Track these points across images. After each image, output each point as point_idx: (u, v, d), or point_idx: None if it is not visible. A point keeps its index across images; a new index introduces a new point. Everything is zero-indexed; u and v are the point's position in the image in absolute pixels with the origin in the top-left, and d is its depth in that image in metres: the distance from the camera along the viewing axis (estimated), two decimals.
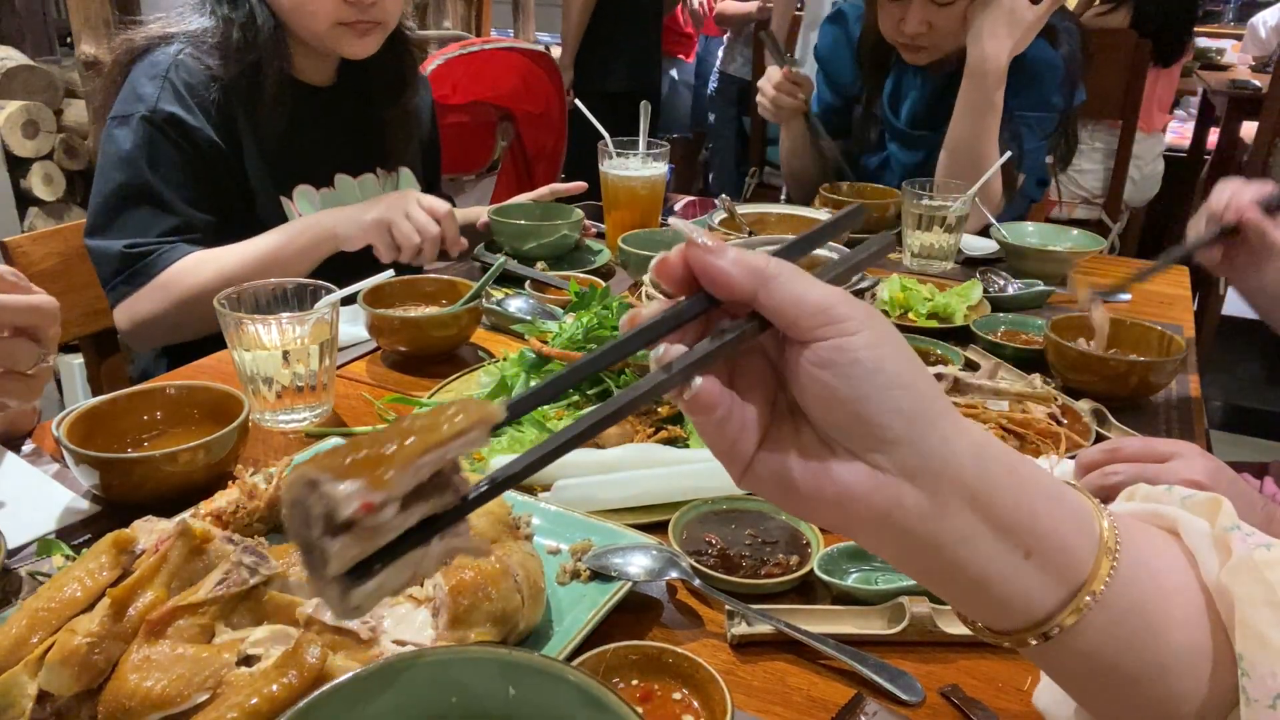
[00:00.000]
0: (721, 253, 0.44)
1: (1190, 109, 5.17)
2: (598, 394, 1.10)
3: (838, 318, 0.43)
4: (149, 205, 1.38)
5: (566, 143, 3.46)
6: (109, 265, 1.38)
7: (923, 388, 0.44)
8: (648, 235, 1.65)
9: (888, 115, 2.04)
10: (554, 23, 5.52)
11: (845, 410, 0.43)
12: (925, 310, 1.42)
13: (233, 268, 1.35)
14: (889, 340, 0.43)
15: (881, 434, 0.43)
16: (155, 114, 1.37)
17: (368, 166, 1.64)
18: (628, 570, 0.78)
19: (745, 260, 0.44)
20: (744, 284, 0.43)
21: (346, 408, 1.14)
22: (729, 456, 0.46)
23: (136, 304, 1.39)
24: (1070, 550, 0.45)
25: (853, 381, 0.42)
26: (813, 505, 0.46)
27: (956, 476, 0.43)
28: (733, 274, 0.44)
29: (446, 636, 0.66)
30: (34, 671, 0.59)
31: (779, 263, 0.44)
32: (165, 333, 1.44)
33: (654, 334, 0.45)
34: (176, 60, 1.41)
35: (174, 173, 1.39)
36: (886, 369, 0.43)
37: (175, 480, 0.88)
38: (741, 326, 0.45)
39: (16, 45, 3.18)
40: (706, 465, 0.95)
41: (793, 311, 0.43)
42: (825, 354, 0.43)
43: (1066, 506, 0.46)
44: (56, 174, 2.95)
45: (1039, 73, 1.84)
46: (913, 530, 0.44)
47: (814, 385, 0.43)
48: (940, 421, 0.44)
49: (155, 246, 1.37)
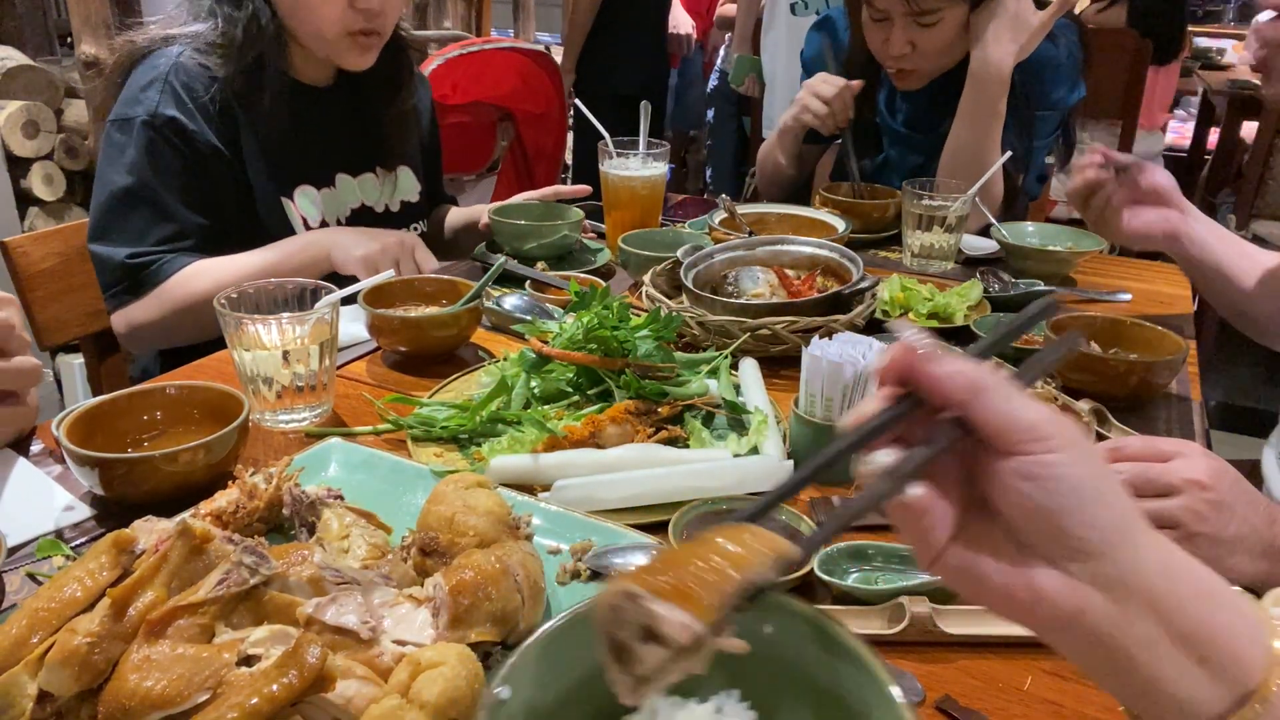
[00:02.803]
0: (938, 361, 0.47)
1: (1190, 109, 5.17)
2: (598, 394, 1.10)
3: (1043, 435, 0.45)
4: (149, 210, 1.38)
5: (570, 144, 3.47)
6: (111, 274, 1.39)
7: (1120, 504, 0.46)
8: (648, 235, 1.65)
9: (885, 119, 2.04)
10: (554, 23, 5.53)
11: (1045, 521, 0.46)
12: (925, 310, 1.42)
13: (230, 280, 1.35)
14: (1090, 459, 0.46)
15: (1079, 545, 0.45)
16: (155, 118, 1.38)
17: (367, 166, 1.64)
18: (628, 570, 0.78)
19: (961, 372, 0.47)
20: (957, 395, 0.46)
21: (346, 408, 1.14)
22: (921, 545, 0.49)
23: (134, 311, 1.41)
24: (1243, 662, 0.46)
25: (1054, 496, 0.45)
26: (1001, 602, 0.48)
27: (1145, 588, 0.46)
28: (947, 385, 0.47)
29: (447, 637, 0.66)
30: (34, 671, 0.59)
31: (991, 375, 0.46)
32: (161, 338, 1.46)
33: (873, 434, 0.49)
34: (176, 63, 1.41)
35: (174, 177, 1.39)
36: (1086, 486, 0.45)
37: (175, 480, 0.88)
38: (952, 435, 0.48)
39: (16, 45, 3.18)
40: (706, 465, 0.95)
41: (1002, 426, 0.46)
42: (1028, 468, 0.45)
43: (1244, 619, 0.48)
44: (56, 174, 2.95)
45: (1040, 70, 1.83)
46: (1096, 633, 0.47)
47: (1014, 494, 0.46)
48: (1135, 536, 0.47)
49: (157, 256, 1.38)
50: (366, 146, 1.63)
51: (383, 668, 0.63)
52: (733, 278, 1.44)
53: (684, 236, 1.68)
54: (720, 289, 1.43)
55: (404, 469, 0.95)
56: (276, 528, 0.84)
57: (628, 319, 1.15)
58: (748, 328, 1.24)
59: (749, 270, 1.44)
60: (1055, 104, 1.89)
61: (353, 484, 0.91)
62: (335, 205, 1.58)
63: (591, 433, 1.00)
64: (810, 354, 0.96)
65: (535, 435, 1.00)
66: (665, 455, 0.97)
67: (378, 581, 0.70)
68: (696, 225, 1.84)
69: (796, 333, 1.24)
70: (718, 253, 1.46)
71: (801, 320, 1.24)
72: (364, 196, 1.63)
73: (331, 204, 1.57)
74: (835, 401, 0.96)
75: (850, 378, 0.94)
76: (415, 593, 0.70)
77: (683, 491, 0.91)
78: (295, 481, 0.85)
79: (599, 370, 1.10)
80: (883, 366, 0.49)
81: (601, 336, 1.11)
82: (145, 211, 1.38)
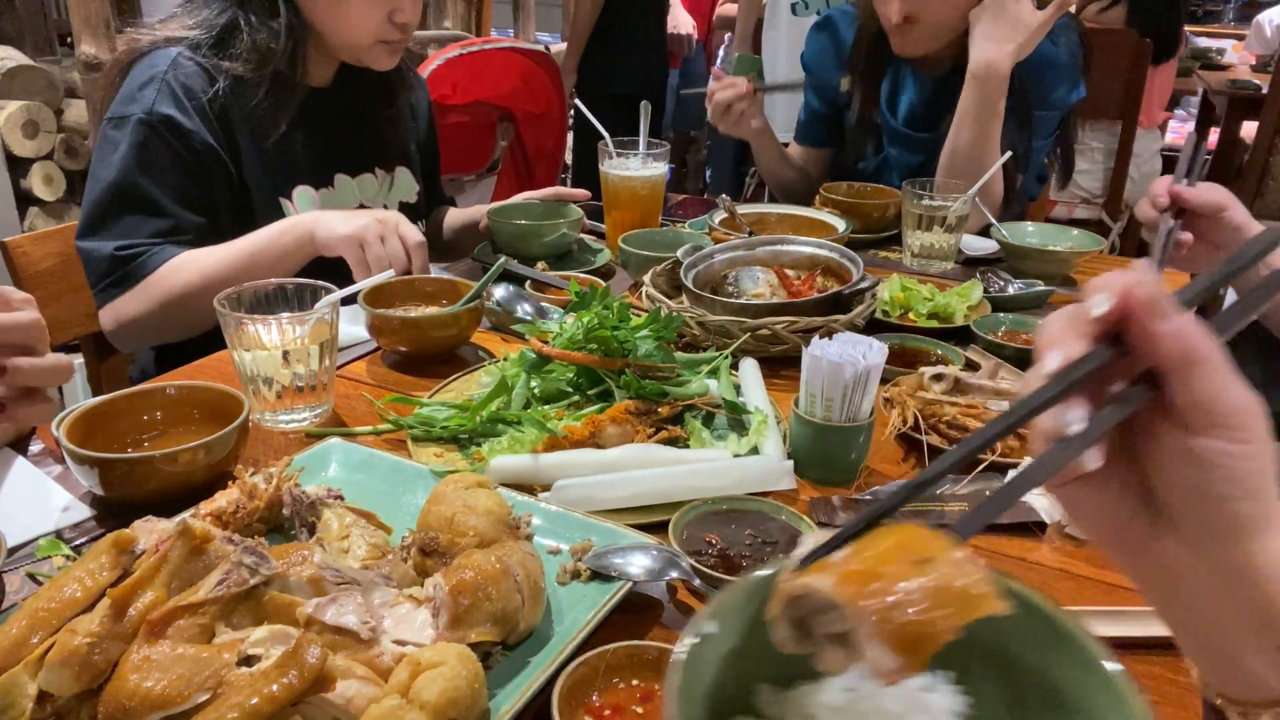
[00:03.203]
0: (1163, 316, 0.44)
1: (1190, 109, 5.16)
2: (598, 394, 1.10)
3: (1241, 425, 0.44)
4: (141, 207, 1.37)
5: (570, 143, 3.46)
6: (99, 267, 1.38)
7: (1270, 502, 0.46)
8: (648, 235, 1.65)
9: (886, 117, 2.03)
10: (554, 23, 5.52)
11: (1199, 505, 0.46)
12: (925, 310, 1.42)
13: (214, 268, 1.34)
14: (1267, 455, 0.45)
15: (1220, 533, 0.46)
16: (151, 115, 1.37)
17: (366, 166, 1.64)
18: (628, 570, 0.78)
19: (1182, 334, 0.43)
20: (1172, 358, 0.44)
21: (346, 408, 1.14)
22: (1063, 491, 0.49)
23: (121, 305, 1.38)
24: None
25: (1222, 484, 0.45)
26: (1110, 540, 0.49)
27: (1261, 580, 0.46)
28: (1165, 346, 0.44)
29: (446, 637, 0.66)
30: (34, 671, 0.59)
31: (1210, 346, 0.44)
32: (150, 333, 1.44)
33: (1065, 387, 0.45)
34: (175, 61, 1.40)
35: (167, 175, 1.38)
36: (1253, 480, 0.45)
37: (175, 480, 0.88)
38: (1142, 396, 0.45)
39: (16, 45, 3.19)
40: (706, 465, 0.95)
41: (1206, 406, 0.44)
42: (1210, 453, 0.44)
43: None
44: (56, 174, 2.95)
45: (1040, 70, 1.83)
46: (1201, 607, 0.48)
47: (1181, 472, 0.45)
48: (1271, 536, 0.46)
49: (145, 249, 1.36)
50: (365, 147, 1.63)
51: (383, 668, 0.63)
52: (733, 278, 1.44)
53: (684, 236, 1.68)
54: (720, 289, 1.43)
55: (404, 469, 0.95)
56: (276, 528, 0.84)
57: (628, 319, 1.15)
58: (748, 328, 1.24)
59: (749, 270, 1.44)
60: (1055, 103, 1.89)
61: (353, 484, 0.91)
62: (334, 206, 1.58)
63: (591, 433, 1.00)
64: (810, 354, 0.96)
65: (535, 435, 1.00)
66: (665, 455, 0.97)
67: (378, 581, 0.70)
68: (696, 225, 1.85)
69: (796, 333, 1.24)
70: (718, 253, 1.46)
71: (801, 320, 1.24)
72: (363, 197, 1.63)
73: (330, 204, 1.57)
74: (835, 401, 0.95)
75: (850, 378, 0.94)
76: (415, 593, 0.70)
77: (683, 491, 0.91)
78: (295, 481, 0.85)
79: (599, 370, 1.10)
80: (1109, 307, 0.45)
81: (601, 336, 1.11)
82: (136, 208, 1.37)
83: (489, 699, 0.63)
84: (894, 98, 2.03)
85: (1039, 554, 0.88)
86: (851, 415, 0.96)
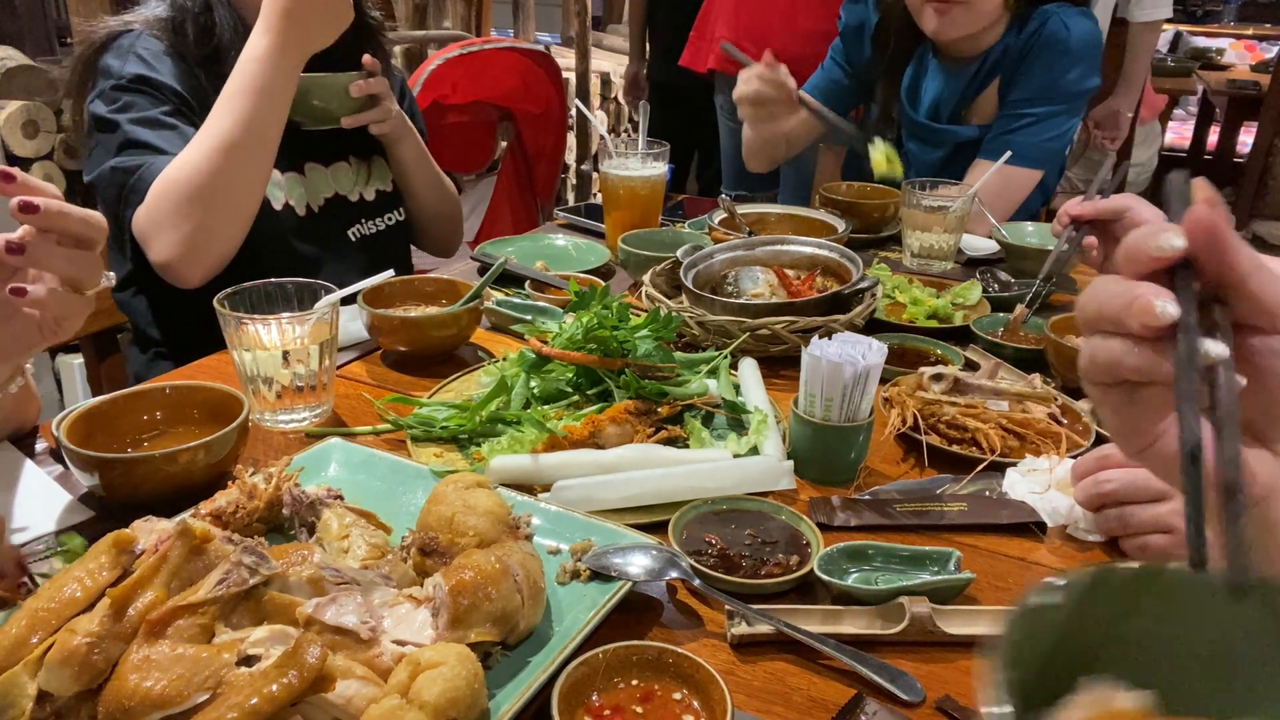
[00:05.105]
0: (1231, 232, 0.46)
1: (1190, 109, 5.16)
2: (598, 394, 1.10)
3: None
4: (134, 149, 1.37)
5: (571, 143, 3.46)
6: (110, 191, 1.36)
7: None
8: (647, 235, 1.65)
9: (906, 110, 2.00)
10: (554, 23, 5.52)
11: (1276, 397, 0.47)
12: (925, 310, 1.42)
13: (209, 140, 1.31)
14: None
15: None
16: (123, 78, 1.39)
17: (339, 155, 1.62)
18: (628, 570, 0.78)
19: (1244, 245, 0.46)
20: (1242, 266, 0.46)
21: (346, 408, 1.14)
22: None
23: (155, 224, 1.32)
24: None
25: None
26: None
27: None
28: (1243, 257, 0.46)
29: (446, 637, 0.66)
30: (34, 671, 0.59)
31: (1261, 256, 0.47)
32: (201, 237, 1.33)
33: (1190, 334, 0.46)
34: (141, 36, 1.43)
35: (150, 114, 1.38)
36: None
37: (175, 480, 0.88)
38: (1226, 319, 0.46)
39: (16, 45, 3.18)
40: (706, 465, 0.95)
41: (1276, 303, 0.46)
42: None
43: None
44: (56, 174, 2.94)
45: (1080, 50, 1.77)
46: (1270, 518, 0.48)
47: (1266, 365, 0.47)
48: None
49: (140, 161, 1.35)
50: (338, 135, 1.59)
51: (383, 668, 0.63)
52: (732, 278, 1.44)
53: (684, 236, 1.68)
54: (720, 289, 1.43)
55: (404, 469, 0.95)
56: (276, 528, 0.84)
57: (627, 319, 1.15)
58: (747, 328, 1.24)
59: (749, 270, 1.44)
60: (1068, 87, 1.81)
61: (353, 484, 0.91)
62: (307, 194, 1.55)
63: (591, 433, 1.00)
64: (810, 354, 0.96)
65: (535, 435, 1.00)
66: (665, 455, 0.97)
67: (378, 581, 0.70)
68: (696, 225, 1.85)
69: (796, 333, 1.24)
70: (718, 253, 1.46)
71: (801, 320, 1.25)
72: (337, 186, 1.60)
73: (302, 191, 1.54)
74: (835, 401, 0.96)
75: (849, 377, 0.94)
76: (415, 593, 0.70)
77: (683, 492, 0.91)
78: (295, 481, 0.85)
79: (599, 370, 1.10)
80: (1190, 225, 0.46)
81: (601, 336, 1.11)
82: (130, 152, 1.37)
83: (489, 699, 0.63)
84: (916, 90, 2.00)
85: (1039, 554, 0.88)
86: (851, 415, 0.96)
